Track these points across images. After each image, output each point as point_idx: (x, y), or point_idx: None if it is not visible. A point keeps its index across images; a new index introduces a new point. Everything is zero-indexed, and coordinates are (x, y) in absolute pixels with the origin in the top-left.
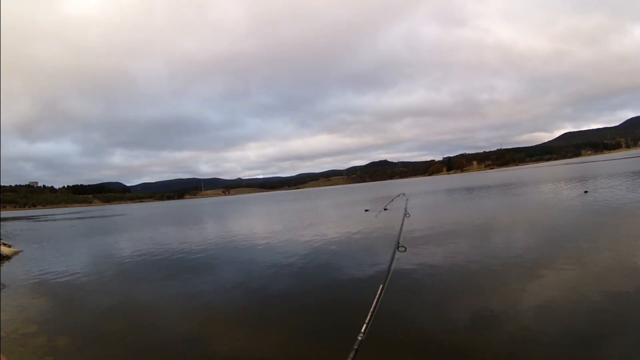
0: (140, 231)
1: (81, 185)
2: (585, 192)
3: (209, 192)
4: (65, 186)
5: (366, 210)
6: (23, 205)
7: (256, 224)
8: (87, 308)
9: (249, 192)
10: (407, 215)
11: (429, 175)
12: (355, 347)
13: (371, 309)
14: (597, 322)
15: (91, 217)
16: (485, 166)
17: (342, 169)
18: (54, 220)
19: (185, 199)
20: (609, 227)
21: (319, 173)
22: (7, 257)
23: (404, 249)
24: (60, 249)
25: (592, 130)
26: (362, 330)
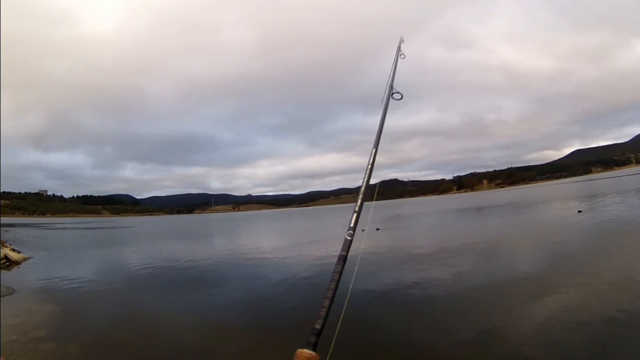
0: (149, 244)
1: (91, 196)
2: (579, 211)
3: (219, 207)
4: (75, 196)
5: (362, 230)
6: (32, 213)
7: (264, 241)
8: (96, 316)
9: (259, 209)
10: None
11: (439, 194)
12: None
13: None
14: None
15: (100, 227)
16: (496, 185)
17: (352, 187)
18: (63, 229)
19: (195, 213)
20: (592, 249)
21: (329, 191)
22: (17, 263)
23: None
24: (69, 257)
25: (602, 147)
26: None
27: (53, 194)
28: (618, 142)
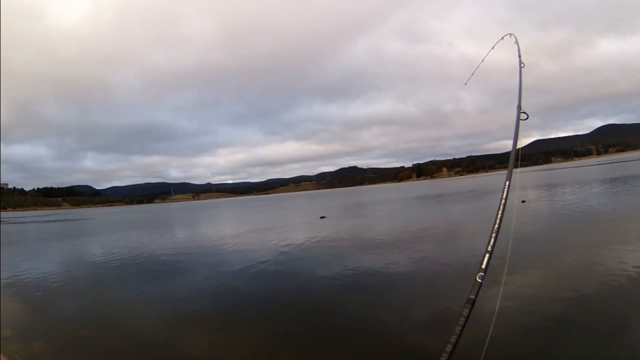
0: (110, 235)
1: (51, 188)
2: (523, 201)
3: (179, 196)
4: (35, 189)
5: (321, 217)
6: None
7: (225, 229)
8: (61, 312)
9: (219, 197)
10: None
11: (398, 182)
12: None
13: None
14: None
15: (61, 220)
16: (456, 173)
17: (311, 174)
18: (24, 222)
19: (154, 203)
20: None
21: (289, 179)
22: None
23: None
24: (30, 252)
25: (562, 138)
26: (484, 266)
27: (14, 187)
28: (579, 133)
